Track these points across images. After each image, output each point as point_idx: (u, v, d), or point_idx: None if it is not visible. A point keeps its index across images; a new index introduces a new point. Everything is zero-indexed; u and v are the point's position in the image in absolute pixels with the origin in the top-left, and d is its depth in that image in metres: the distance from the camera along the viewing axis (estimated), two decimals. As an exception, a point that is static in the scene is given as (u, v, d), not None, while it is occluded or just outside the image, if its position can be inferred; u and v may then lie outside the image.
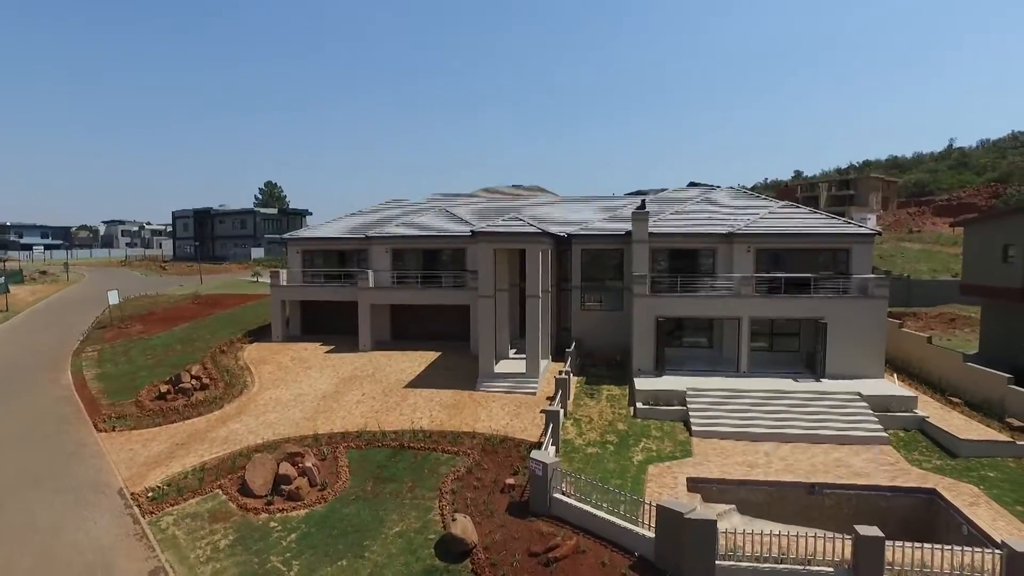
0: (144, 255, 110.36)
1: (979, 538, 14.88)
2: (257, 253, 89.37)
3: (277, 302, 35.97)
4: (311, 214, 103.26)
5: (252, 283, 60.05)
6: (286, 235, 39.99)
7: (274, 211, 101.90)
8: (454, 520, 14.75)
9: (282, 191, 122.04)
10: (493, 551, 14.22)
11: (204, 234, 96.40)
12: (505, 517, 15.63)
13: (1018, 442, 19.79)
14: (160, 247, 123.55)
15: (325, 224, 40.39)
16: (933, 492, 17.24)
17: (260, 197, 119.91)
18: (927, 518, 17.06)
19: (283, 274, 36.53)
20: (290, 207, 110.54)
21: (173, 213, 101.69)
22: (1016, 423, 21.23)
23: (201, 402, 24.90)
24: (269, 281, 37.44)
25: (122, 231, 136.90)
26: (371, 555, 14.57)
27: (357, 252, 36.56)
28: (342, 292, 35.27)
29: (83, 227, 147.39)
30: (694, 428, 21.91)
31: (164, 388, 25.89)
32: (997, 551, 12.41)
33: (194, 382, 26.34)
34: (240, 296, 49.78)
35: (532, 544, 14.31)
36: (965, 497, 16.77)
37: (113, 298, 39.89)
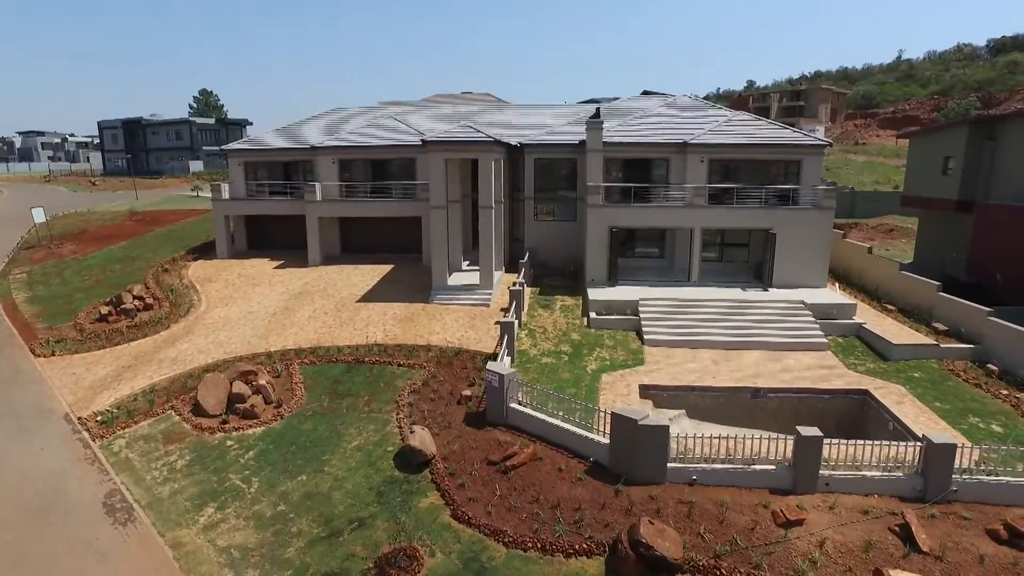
0: (70, 170, 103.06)
1: (903, 433, 16.07)
2: (196, 166, 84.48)
3: (220, 217, 34.38)
4: (251, 124, 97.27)
5: (192, 198, 57.08)
6: (226, 147, 37.68)
7: (211, 121, 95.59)
8: (412, 432, 14.94)
9: (218, 100, 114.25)
10: (452, 461, 14.56)
11: (136, 146, 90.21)
12: (463, 428, 15.95)
13: (942, 345, 21.10)
14: (87, 161, 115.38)
15: (268, 134, 38.13)
16: (865, 393, 18.38)
17: (195, 106, 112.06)
18: (860, 416, 18.27)
19: (225, 188, 34.69)
20: (228, 117, 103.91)
21: (99, 124, 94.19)
22: (941, 328, 22.57)
23: (146, 323, 24.03)
24: (211, 195, 35.63)
25: (42, 143, 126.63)
26: (331, 469, 14.73)
27: (303, 163, 34.86)
28: (288, 205, 33.88)
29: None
30: (646, 337, 22.50)
31: (105, 310, 24.80)
32: (918, 443, 13.39)
33: (137, 302, 25.30)
34: (180, 212, 47.47)
35: (490, 453, 14.69)
36: (893, 396, 17.93)
37: (39, 216, 37.28)
